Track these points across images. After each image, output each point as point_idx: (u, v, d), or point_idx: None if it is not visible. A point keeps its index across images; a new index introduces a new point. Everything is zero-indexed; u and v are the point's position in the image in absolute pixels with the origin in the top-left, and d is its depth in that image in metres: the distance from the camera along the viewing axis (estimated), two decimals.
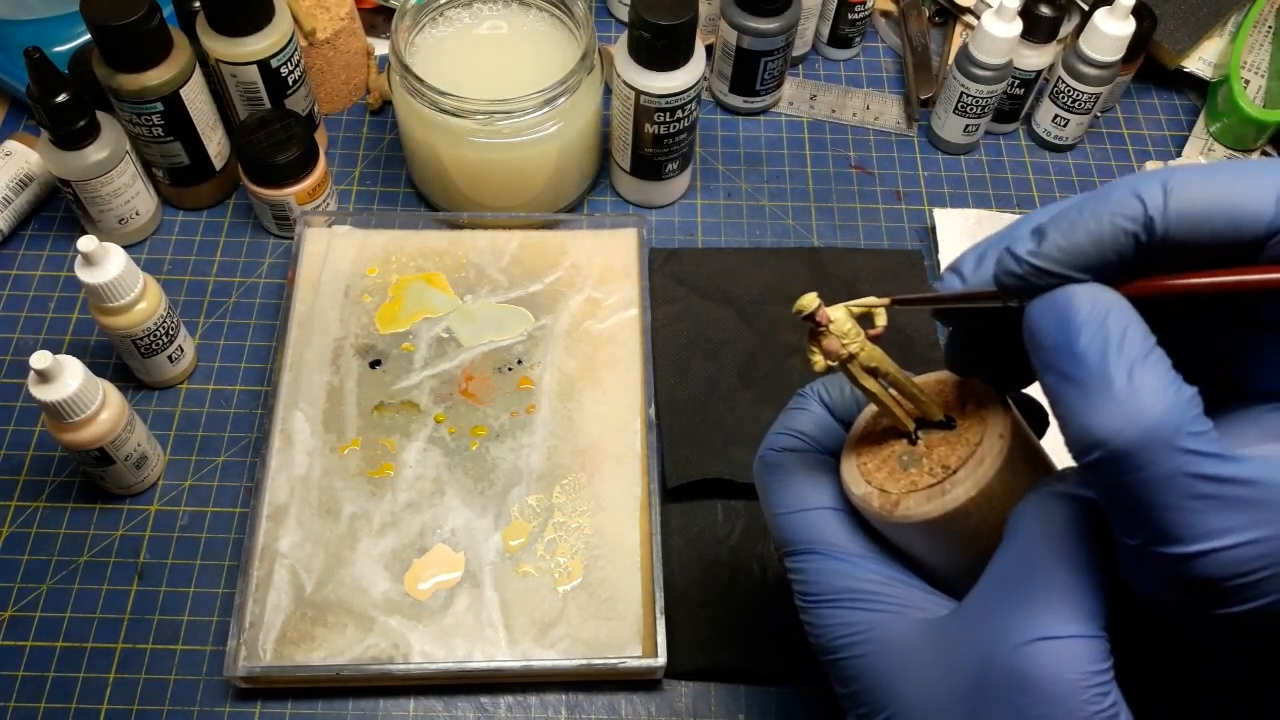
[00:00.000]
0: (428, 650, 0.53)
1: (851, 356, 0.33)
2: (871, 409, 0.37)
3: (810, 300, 0.32)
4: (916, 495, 0.33)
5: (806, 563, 0.36)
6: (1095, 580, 0.29)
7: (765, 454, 0.38)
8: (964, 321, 0.34)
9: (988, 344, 0.34)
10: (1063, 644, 0.28)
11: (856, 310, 0.34)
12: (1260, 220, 0.27)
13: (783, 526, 0.37)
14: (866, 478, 0.35)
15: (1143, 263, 0.28)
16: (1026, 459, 0.33)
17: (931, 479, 0.33)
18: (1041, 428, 0.37)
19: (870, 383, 0.34)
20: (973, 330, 0.34)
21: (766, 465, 0.38)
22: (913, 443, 0.35)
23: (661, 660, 0.52)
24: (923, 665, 0.32)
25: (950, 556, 0.33)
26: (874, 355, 0.33)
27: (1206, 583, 0.26)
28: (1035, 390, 0.36)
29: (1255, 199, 0.27)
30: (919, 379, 0.36)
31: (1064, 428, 0.27)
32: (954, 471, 0.33)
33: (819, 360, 0.33)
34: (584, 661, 0.53)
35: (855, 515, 0.36)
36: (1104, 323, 0.27)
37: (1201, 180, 0.27)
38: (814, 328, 0.33)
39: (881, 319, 0.34)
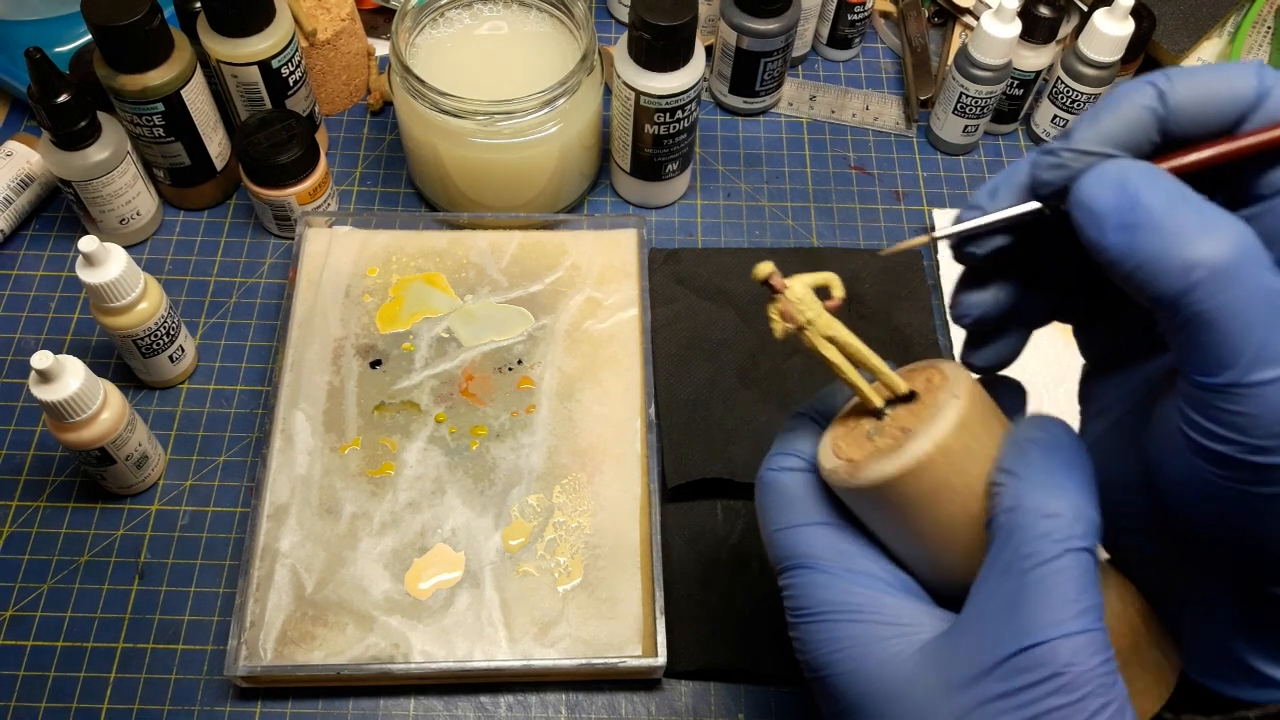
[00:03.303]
0: (428, 650, 0.53)
1: (809, 322, 0.35)
2: (852, 401, 0.38)
3: (766, 267, 0.34)
4: (878, 457, 0.33)
5: (797, 577, 0.35)
6: (1093, 572, 0.30)
7: (764, 474, 0.38)
8: (981, 258, 0.35)
9: (1000, 274, 0.35)
10: (1071, 640, 0.29)
11: (814, 282, 0.35)
12: (1248, 89, 0.30)
13: (776, 543, 0.37)
14: (836, 453, 0.36)
15: (1159, 154, 0.30)
16: (987, 424, 0.33)
17: (893, 442, 0.34)
18: (1021, 406, 0.38)
19: (829, 350, 0.35)
20: (983, 269, 0.35)
21: (765, 485, 0.38)
22: (880, 419, 0.36)
23: (661, 660, 0.52)
24: (920, 680, 0.31)
25: (920, 528, 0.33)
26: (831, 324, 0.35)
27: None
28: (1014, 371, 0.37)
29: (1239, 73, 0.30)
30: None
31: (1145, 274, 0.28)
32: (913, 431, 0.33)
33: (778, 325, 0.35)
34: (584, 661, 0.53)
35: (850, 530, 0.36)
36: (1159, 176, 0.28)
37: (1191, 70, 0.30)
38: (771, 293, 0.35)
39: (838, 291, 0.35)
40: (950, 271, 0.68)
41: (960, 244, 0.34)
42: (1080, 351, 0.38)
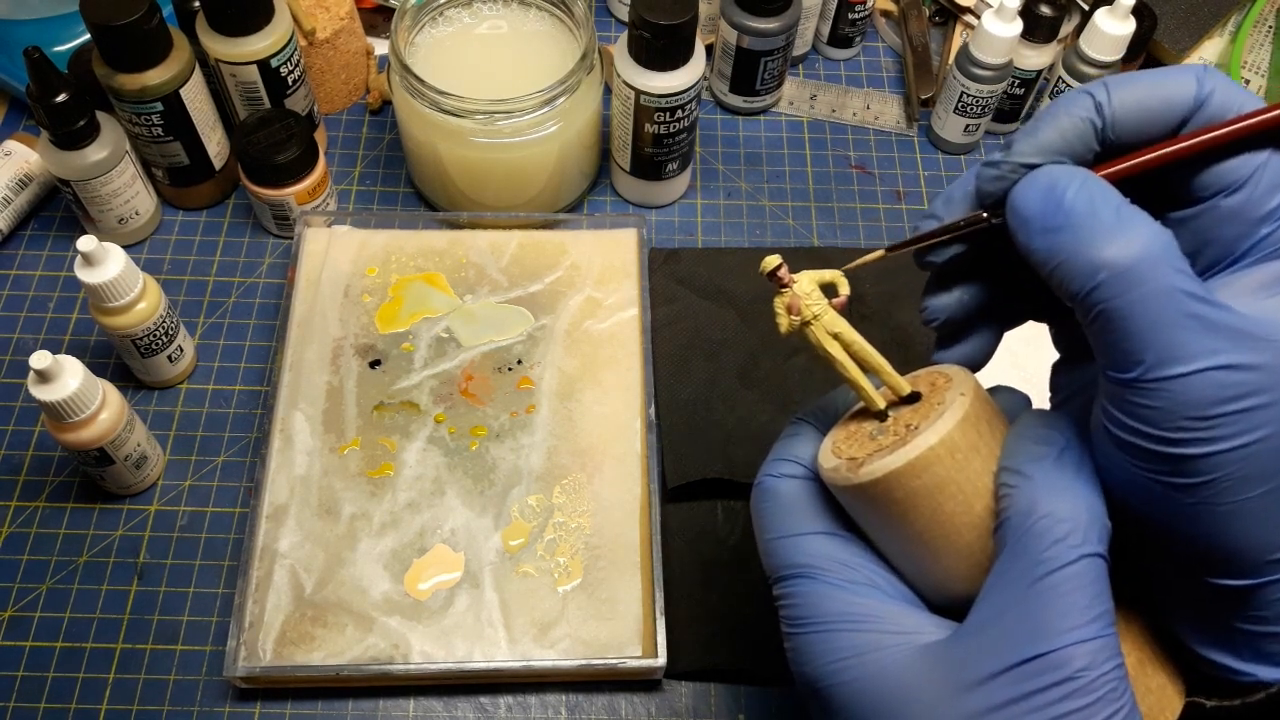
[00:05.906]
0: (428, 650, 0.53)
1: (815, 317, 0.35)
2: (854, 406, 0.38)
3: (773, 260, 0.35)
4: (881, 454, 0.33)
5: (795, 586, 0.35)
6: (1105, 578, 0.29)
7: (762, 480, 0.38)
8: (940, 265, 0.36)
9: (963, 277, 0.36)
10: (1085, 646, 0.28)
11: (820, 279, 0.35)
12: (1188, 94, 0.31)
13: (773, 551, 0.36)
14: (837, 453, 0.35)
15: (1099, 160, 0.32)
16: (991, 425, 0.33)
17: (896, 438, 0.33)
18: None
19: (834, 347, 0.35)
20: (946, 272, 0.36)
21: (763, 492, 0.37)
22: (883, 420, 0.35)
23: (661, 660, 0.52)
24: (925, 685, 0.31)
25: (921, 529, 0.33)
26: (837, 321, 0.35)
27: (1192, 411, 0.27)
28: (1014, 380, 0.38)
29: (1179, 78, 0.31)
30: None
31: (1062, 274, 0.29)
32: (917, 428, 0.33)
33: (784, 320, 0.35)
34: (584, 662, 0.53)
35: (849, 539, 0.36)
36: (1085, 181, 0.30)
37: (1133, 76, 0.31)
38: (777, 286, 0.35)
39: (845, 288, 0.36)
40: None
41: (919, 253, 0.35)
42: (1052, 342, 0.39)
